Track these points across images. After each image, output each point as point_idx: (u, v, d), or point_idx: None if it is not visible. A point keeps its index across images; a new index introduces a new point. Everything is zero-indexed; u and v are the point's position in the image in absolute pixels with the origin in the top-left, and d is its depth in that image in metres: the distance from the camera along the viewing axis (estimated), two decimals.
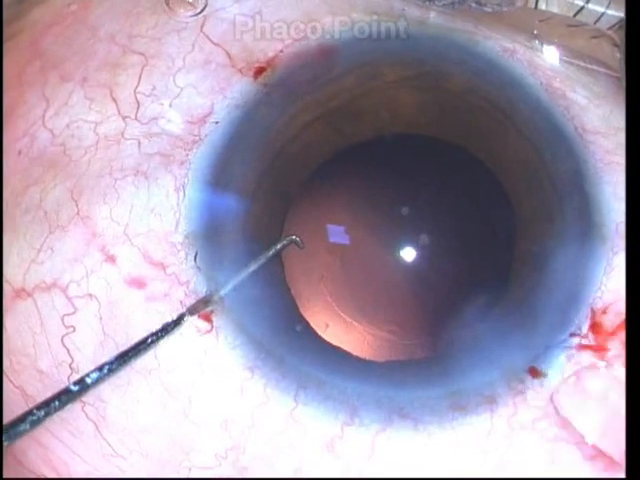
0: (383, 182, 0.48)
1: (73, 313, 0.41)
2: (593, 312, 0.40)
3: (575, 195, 0.42)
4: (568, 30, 0.39)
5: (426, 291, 0.48)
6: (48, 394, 0.38)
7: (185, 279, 0.42)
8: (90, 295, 0.41)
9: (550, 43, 0.41)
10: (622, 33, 0.36)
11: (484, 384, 0.40)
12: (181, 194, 0.42)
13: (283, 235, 0.46)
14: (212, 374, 0.41)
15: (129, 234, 0.42)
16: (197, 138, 0.43)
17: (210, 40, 0.43)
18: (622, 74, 0.38)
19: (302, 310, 0.46)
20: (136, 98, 0.43)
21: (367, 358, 0.44)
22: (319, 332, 0.45)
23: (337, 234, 0.47)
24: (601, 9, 0.38)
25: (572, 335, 0.40)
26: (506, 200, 0.45)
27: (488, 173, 0.45)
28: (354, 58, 0.43)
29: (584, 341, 0.40)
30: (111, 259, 0.42)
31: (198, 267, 0.42)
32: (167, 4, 0.44)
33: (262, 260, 0.43)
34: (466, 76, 0.43)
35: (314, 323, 0.46)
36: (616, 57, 0.38)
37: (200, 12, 0.43)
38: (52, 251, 0.42)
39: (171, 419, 0.40)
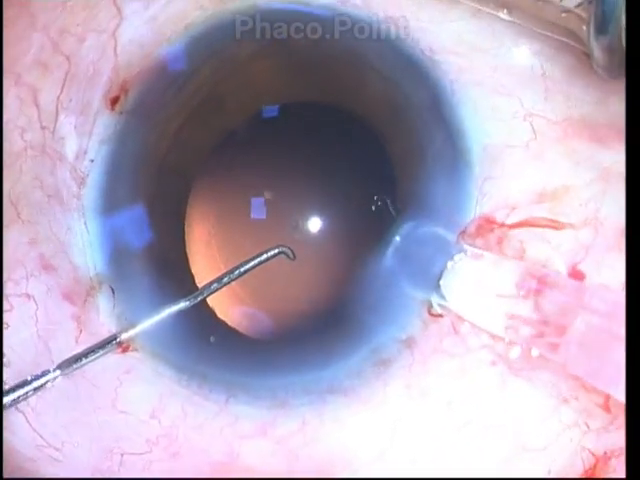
0: (266, 161, 0.48)
1: (9, 310, 0.42)
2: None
3: (438, 124, 0.41)
4: (536, 5, 0.39)
5: (318, 255, 0.49)
6: None
7: (99, 315, 0.43)
8: (28, 296, 0.42)
9: None
10: (590, 8, 0.36)
11: (399, 329, 0.41)
12: (85, 232, 0.43)
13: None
14: (137, 386, 0.42)
15: (67, 252, 0.42)
16: (83, 175, 0.43)
17: (115, 51, 0.42)
18: (590, 49, 0.37)
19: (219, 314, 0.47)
20: (57, 108, 0.42)
21: (286, 345, 0.45)
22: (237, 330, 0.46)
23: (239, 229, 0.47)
24: None
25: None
26: (380, 144, 0.45)
27: (360, 122, 0.45)
28: (199, 56, 0.43)
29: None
30: (51, 268, 0.42)
31: (114, 303, 0.42)
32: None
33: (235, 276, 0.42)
34: (305, 31, 0.42)
35: (230, 321, 0.46)
36: (583, 30, 0.37)
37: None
38: None
39: (99, 410, 0.41)
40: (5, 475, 0.40)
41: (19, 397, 0.40)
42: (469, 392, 0.40)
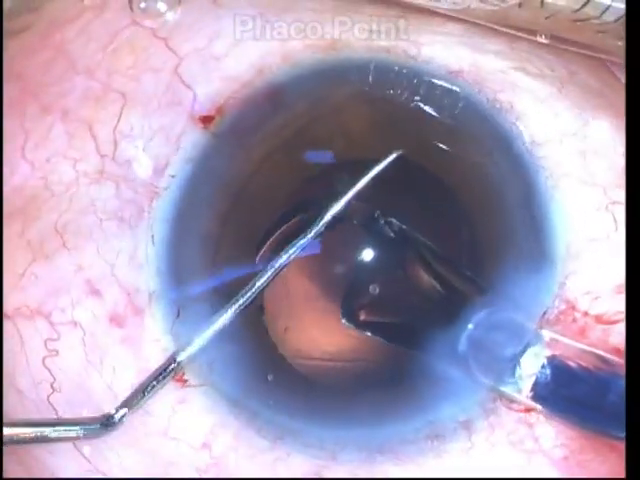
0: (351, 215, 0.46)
1: (57, 339, 0.42)
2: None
3: (528, 218, 0.41)
4: (574, 25, 0.38)
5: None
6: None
7: (157, 336, 0.42)
8: (75, 323, 0.42)
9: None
10: None
11: (458, 410, 0.41)
12: (151, 248, 0.42)
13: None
14: (186, 419, 0.42)
15: (117, 275, 0.42)
16: (160, 190, 0.42)
17: (182, 82, 0.42)
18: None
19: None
20: (114, 137, 0.42)
21: (342, 397, 0.44)
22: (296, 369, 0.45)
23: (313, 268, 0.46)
24: (607, 1, 0.37)
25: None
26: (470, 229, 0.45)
27: (453, 201, 0.45)
28: (301, 93, 0.43)
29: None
30: (97, 293, 0.42)
31: (172, 323, 0.42)
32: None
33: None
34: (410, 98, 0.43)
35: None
36: (620, 47, 0.37)
37: None
38: (36, 277, 0.42)
39: (150, 436, 0.41)
40: None
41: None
42: None
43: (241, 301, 0.40)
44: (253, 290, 0.40)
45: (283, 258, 0.40)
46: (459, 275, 0.43)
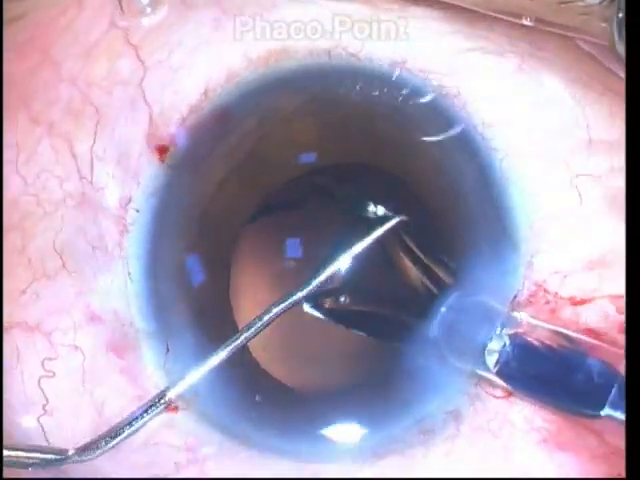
0: (316, 222, 0.47)
1: (55, 359, 0.42)
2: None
3: (486, 201, 0.41)
4: (558, 7, 0.37)
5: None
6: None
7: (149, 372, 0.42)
8: (75, 347, 0.42)
9: None
10: (612, 8, 0.36)
11: (445, 401, 0.41)
12: (130, 284, 0.42)
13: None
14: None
15: (113, 304, 0.42)
16: (127, 224, 0.42)
17: (144, 98, 0.42)
18: (611, 43, 0.36)
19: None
20: (91, 158, 0.42)
21: (333, 408, 0.44)
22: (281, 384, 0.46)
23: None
24: None
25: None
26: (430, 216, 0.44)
27: (411, 192, 0.44)
28: (248, 110, 0.42)
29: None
30: (98, 319, 0.42)
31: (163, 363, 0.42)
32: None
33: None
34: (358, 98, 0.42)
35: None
36: (604, 29, 0.36)
37: None
38: (37, 296, 0.42)
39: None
40: None
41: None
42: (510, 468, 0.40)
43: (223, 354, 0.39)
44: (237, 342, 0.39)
45: (273, 312, 0.39)
46: (432, 259, 0.43)
